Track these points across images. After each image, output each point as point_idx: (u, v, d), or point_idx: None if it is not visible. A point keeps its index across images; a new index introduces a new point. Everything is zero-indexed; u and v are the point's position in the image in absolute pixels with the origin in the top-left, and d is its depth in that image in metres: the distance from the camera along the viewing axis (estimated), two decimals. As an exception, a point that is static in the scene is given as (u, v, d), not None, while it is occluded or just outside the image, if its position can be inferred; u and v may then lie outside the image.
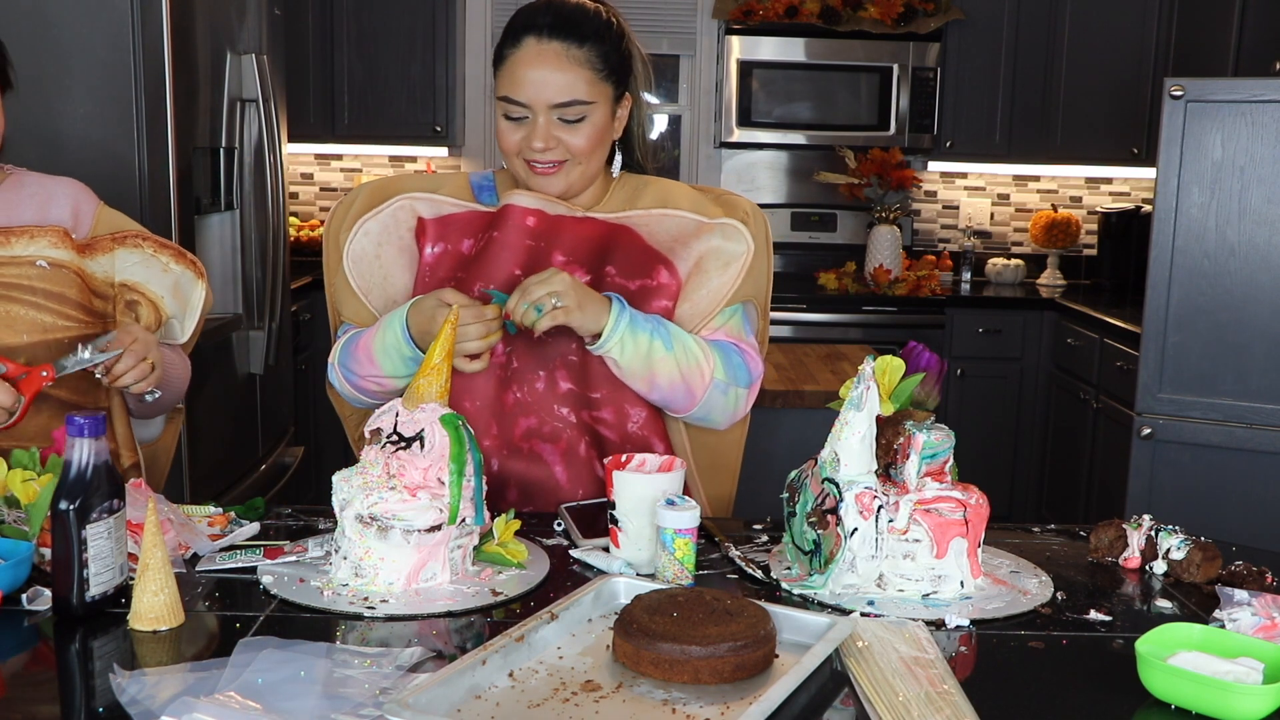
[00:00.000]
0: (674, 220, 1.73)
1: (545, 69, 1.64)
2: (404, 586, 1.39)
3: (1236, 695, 1.11)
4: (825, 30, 4.65)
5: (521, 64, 1.65)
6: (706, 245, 1.72)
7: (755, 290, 1.78)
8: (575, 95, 1.65)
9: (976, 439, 4.53)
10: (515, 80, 1.65)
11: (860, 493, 1.39)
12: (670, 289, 1.71)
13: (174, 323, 1.86)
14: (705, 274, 1.72)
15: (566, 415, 1.72)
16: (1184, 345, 3.14)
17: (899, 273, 4.74)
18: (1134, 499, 3.24)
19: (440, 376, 1.45)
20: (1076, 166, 4.98)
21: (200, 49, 2.98)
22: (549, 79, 1.64)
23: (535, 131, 1.66)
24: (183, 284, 1.85)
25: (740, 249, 1.72)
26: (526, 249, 1.71)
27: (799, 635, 1.26)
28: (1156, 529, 1.54)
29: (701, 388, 1.68)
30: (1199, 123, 3.08)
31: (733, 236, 1.73)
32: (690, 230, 1.72)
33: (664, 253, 1.72)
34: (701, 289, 1.72)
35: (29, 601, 1.33)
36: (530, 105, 1.65)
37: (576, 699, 1.12)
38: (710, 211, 1.75)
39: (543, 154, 1.67)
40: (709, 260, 1.72)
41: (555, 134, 1.66)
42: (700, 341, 1.70)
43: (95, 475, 1.28)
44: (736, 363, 1.72)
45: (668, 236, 1.72)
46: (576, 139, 1.67)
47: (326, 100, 4.63)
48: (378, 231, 1.75)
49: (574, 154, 1.68)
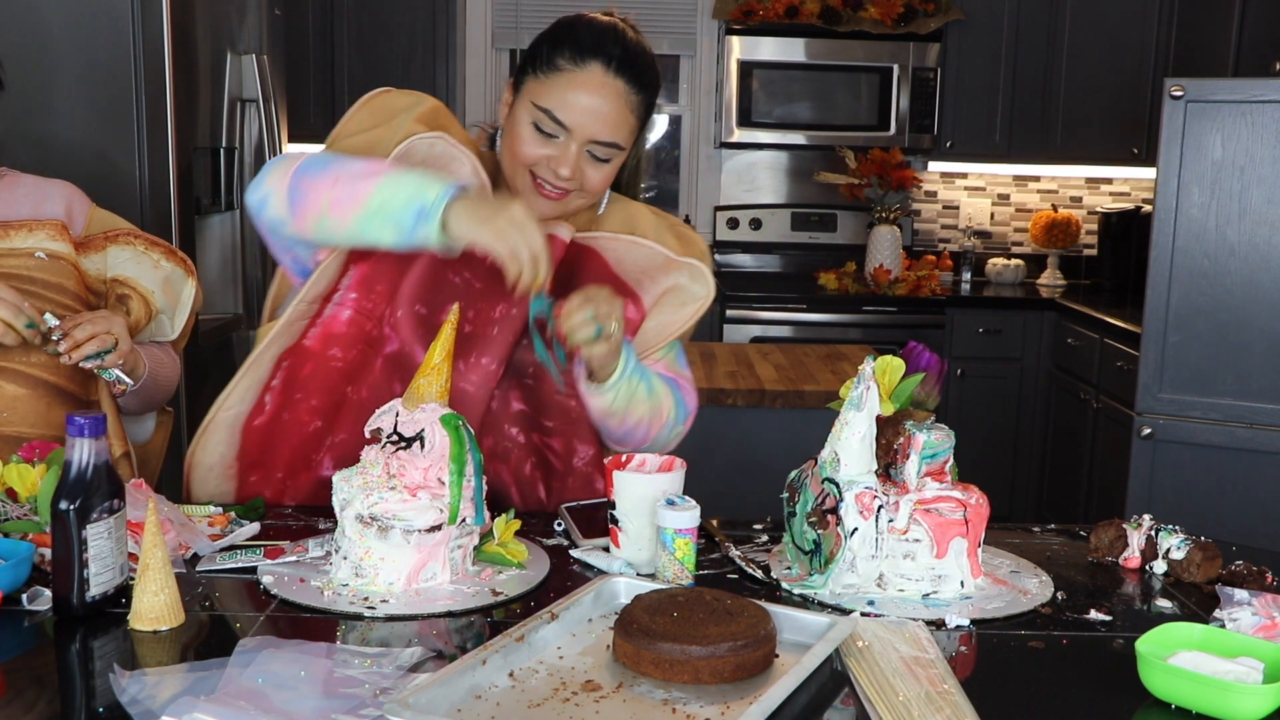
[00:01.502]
0: (643, 251, 1.69)
1: (603, 103, 1.57)
2: (404, 586, 1.39)
3: (1236, 695, 1.11)
4: (825, 30, 4.66)
5: (581, 88, 1.57)
6: (672, 282, 1.70)
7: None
8: (618, 139, 1.60)
9: (976, 439, 4.53)
10: (567, 101, 1.57)
11: (860, 493, 1.39)
12: (634, 323, 1.69)
13: (164, 319, 1.88)
14: (660, 309, 1.71)
15: (516, 435, 1.70)
16: (1184, 345, 3.14)
17: (899, 273, 4.74)
18: (1134, 499, 3.24)
19: (440, 376, 1.45)
20: (1076, 166, 4.98)
21: (200, 49, 2.98)
22: (603, 115, 1.58)
23: (565, 158, 1.58)
24: (173, 280, 1.87)
25: (702, 293, 1.70)
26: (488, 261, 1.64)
27: (799, 635, 1.26)
28: (1156, 529, 1.54)
29: (659, 427, 1.71)
30: (1199, 123, 3.08)
31: (698, 279, 1.70)
32: (658, 265, 1.69)
33: (632, 285, 1.68)
34: (650, 321, 1.71)
35: (29, 601, 1.33)
36: (572, 131, 1.58)
37: (576, 699, 1.12)
38: (668, 242, 1.71)
39: (563, 181, 1.60)
40: (668, 296, 1.70)
41: (581, 165, 1.60)
42: (662, 381, 1.71)
43: (95, 475, 1.28)
44: (679, 400, 1.74)
45: (636, 268, 1.69)
46: (597, 177, 1.62)
47: (326, 100, 4.63)
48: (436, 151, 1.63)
49: (587, 189, 1.63)
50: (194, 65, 2.94)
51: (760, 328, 4.48)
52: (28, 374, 1.70)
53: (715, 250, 5.05)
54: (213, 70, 3.07)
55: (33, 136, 2.63)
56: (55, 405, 1.72)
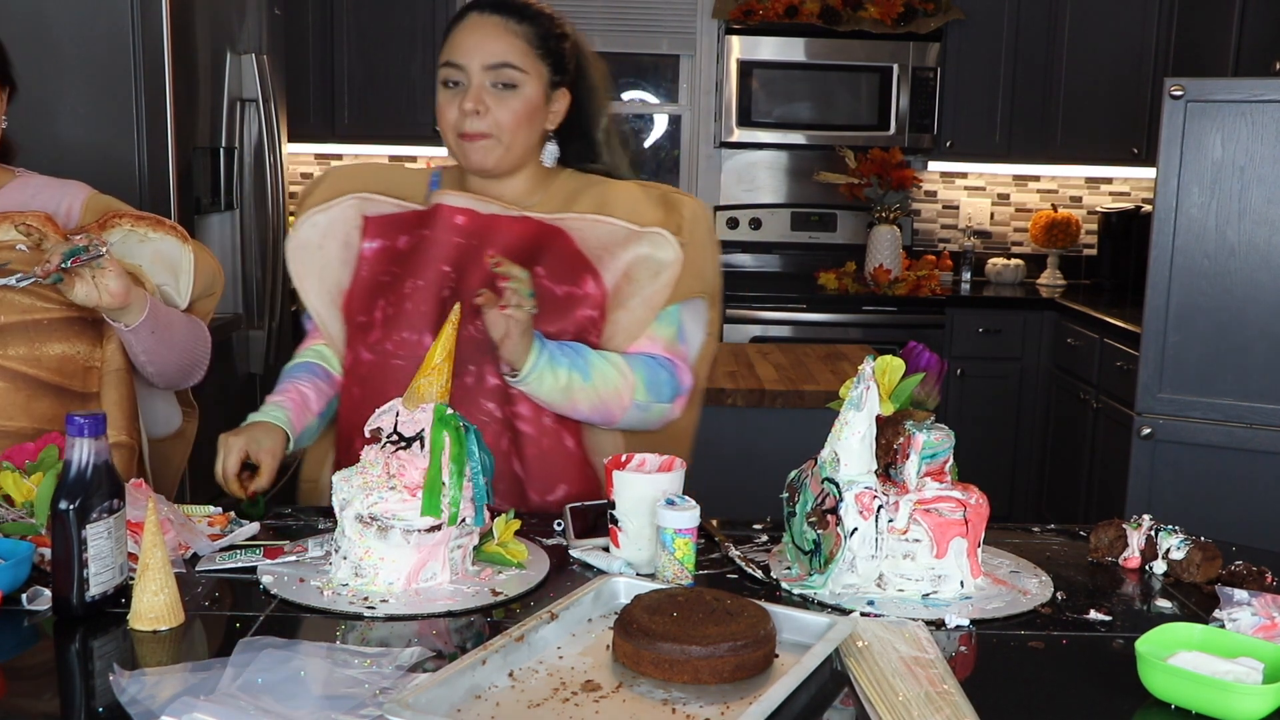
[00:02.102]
0: (605, 227, 1.76)
1: (482, 34, 1.74)
2: (404, 586, 1.39)
3: (1236, 695, 1.11)
4: (825, 30, 4.65)
5: (461, 32, 1.75)
6: (635, 254, 1.75)
7: (703, 286, 1.82)
8: (508, 59, 1.73)
9: (976, 439, 4.53)
10: (454, 45, 1.75)
11: (860, 493, 1.39)
12: (595, 298, 1.75)
13: (168, 290, 1.84)
14: (637, 283, 1.75)
15: (492, 410, 1.75)
16: (1184, 345, 3.14)
17: (899, 273, 4.74)
18: (1134, 499, 3.24)
19: (440, 376, 1.45)
20: (1076, 166, 4.98)
21: (200, 49, 2.98)
22: (485, 43, 1.73)
23: (468, 94, 1.73)
24: (165, 250, 1.83)
25: (669, 257, 1.75)
26: (455, 246, 1.76)
27: (799, 635, 1.26)
28: (1156, 529, 1.54)
29: (620, 410, 1.74)
30: (1199, 123, 3.08)
31: (661, 245, 1.75)
32: (619, 239, 1.75)
33: (592, 261, 1.75)
34: (635, 298, 1.75)
35: (29, 601, 1.33)
36: (465, 66, 1.73)
37: (576, 699, 1.12)
38: (648, 214, 1.77)
39: (471, 120, 1.73)
40: (639, 270, 1.75)
41: (485, 99, 1.73)
42: (624, 364, 1.74)
43: (95, 475, 1.28)
44: (663, 379, 1.76)
45: (598, 244, 1.76)
46: (503, 111, 1.73)
47: (326, 100, 4.63)
48: (324, 225, 1.82)
49: (500, 127, 1.73)
50: (194, 65, 2.94)
51: (760, 328, 4.48)
52: (6, 367, 1.69)
53: (715, 250, 5.05)
54: (213, 70, 3.07)
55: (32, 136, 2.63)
56: (36, 398, 1.70)
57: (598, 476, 1.78)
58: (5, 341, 1.67)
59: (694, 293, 1.80)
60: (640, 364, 1.75)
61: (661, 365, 1.77)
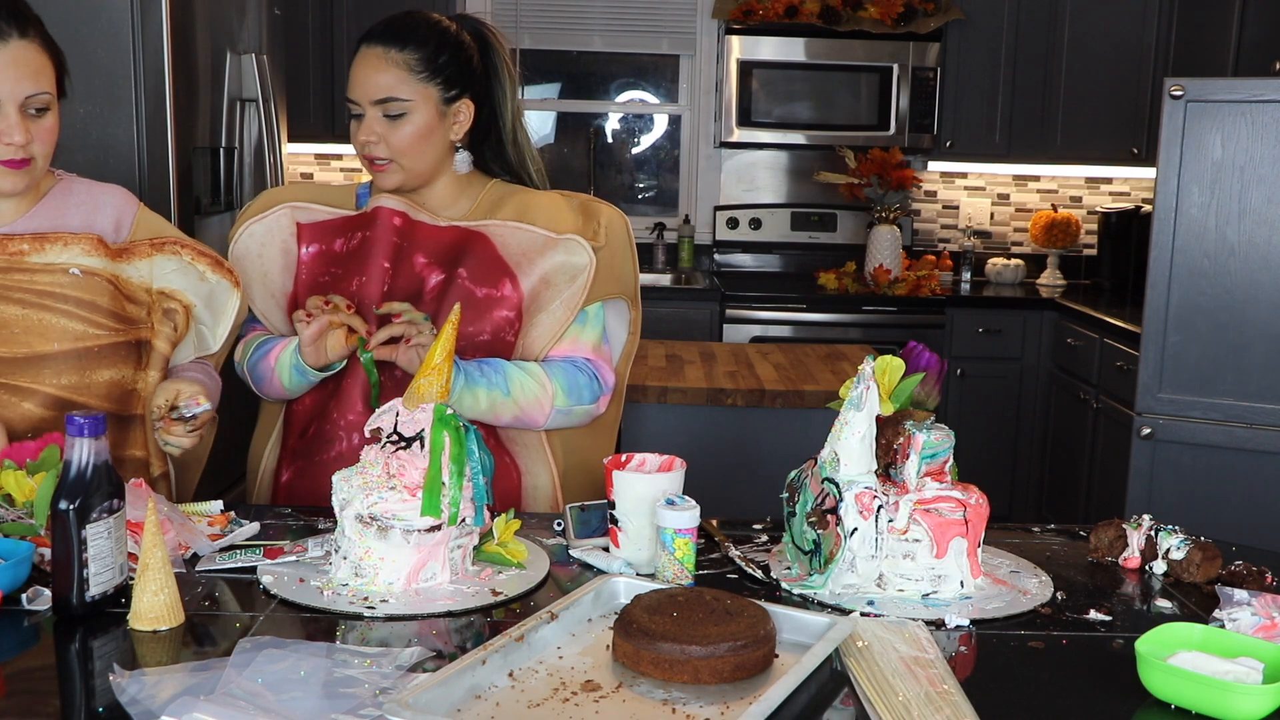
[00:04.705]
0: (525, 234, 1.86)
1: (367, 68, 1.83)
2: (404, 586, 1.39)
3: (1236, 695, 1.11)
4: (825, 30, 4.65)
5: (355, 68, 1.85)
6: (551, 262, 1.84)
7: (621, 288, 1.93)
8: (392, 93, 1.81)
9: (976, 439, 4.53)
10: (350, 81, 1.85)
11: (860, 493, 1.39)
12: (512, 301, 1.84)
13: (204, 331, 1.82)
14: (556, 288, 1.85)
15: None
16: (1184, 345, 3.14)
17: (899, 273, 4.74)
18: (1134, 499, 3.24)
19: (440, 376, 1.45)
20: (1076, 166, 4.98)
21: (200, 49, 2.98)
22: (370, 77, 1.82)
23: (364, 126, 1.83)
24: (218, 294, 1.81)
25: (583, 262, 1.85)
26: (394, 245, 1.86)
27: (799, 635, 1.26)
28: (1156, 529, 1.54)
29: (542, 416, 1.83)
30: (1199, 123, 3.08)
31: (575, 251, 1.85)
32: (537, 246, 1.85)
33: (511, 266, 1.85)
34: (555, 301, 1.85)
35: (29, 601, 1.33)
36: (359, 102, 1.83)
37: (576, 699, 1.12)
38: (567, 221, 1.87)
39: (370, 148, 1.83)
40: (557, 275, 1.85)
41: (378, 130, 1.82)
42: (542, 374, 1.83)
43: (95, 475, 1.28)
44: (582, 382, 1.86)
45: (517, 250, 1.86)
46: (395, 136, 1.82)
47: (326, 100, 4.63)
48: (261, 234, 1.90)
49: (397, 152, 1.83)
50: (194, 65, 2.94)
51: (760, 328, 4.48)
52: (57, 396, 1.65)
53: (716, 250, 5.05)
54: (212, 70, 3.07)
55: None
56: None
57: (517, 464, 1.87)
58: (58, 370, 1.65)
59: (613, 294, 1.91)
60: (559, 371, 1.85)
61: (580, 369, 1.87)
